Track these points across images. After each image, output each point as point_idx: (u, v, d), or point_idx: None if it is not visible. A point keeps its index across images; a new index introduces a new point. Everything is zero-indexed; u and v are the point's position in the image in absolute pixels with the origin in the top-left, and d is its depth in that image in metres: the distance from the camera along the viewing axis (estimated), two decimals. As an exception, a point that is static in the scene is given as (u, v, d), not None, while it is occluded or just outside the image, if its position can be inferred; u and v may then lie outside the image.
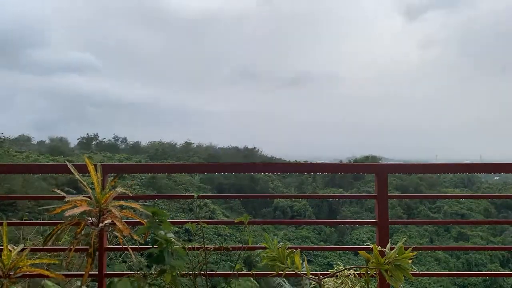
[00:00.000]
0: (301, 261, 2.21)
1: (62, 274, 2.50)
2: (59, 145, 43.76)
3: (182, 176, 36.35)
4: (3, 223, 2.41)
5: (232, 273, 2.59)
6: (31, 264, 2.40)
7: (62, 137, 47.50)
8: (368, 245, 2.32)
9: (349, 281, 2.63)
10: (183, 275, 2.51)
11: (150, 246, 2.43)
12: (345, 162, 37.07)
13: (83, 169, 2.52)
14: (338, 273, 2.57)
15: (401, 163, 3.33)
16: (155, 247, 2.39)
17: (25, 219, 14.45)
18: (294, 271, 2.18)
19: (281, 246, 2.24)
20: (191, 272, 2.54)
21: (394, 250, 2.09)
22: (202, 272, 2.55)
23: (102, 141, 50.73)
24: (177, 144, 50.82)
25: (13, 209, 22.08)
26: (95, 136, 50.45)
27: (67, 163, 2.51)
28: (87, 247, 2.33)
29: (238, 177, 38.89)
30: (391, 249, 2.12)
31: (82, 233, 2.33)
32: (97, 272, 2.72)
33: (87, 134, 50.13)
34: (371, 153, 50.16)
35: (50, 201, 2.88)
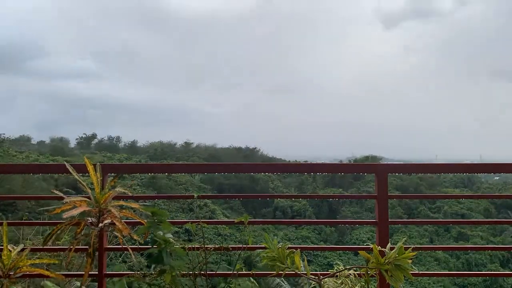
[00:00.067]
0: (301, 261, 2.20)
1: (62, 274, 2.50)
2: (59, 145, 43.76)
3: (182, 176, 36.35)
4: (3, 223, 2.41)
5: (232, 273, 2.59)
6: (31, 264, 2.40)
7: (62, 137, 47.56)
8: (368, 245, 2.32)
9: (349, 281, 2.63)
10: (183, 275, 2.51)
11: (150, 246, 2.43)
12: (345, 162, 37.07)
13: (82, 169, 2.52)
14: (338, 273, 2.57)
15: (401, 163, 3.32)
16: (154, 247, 2.39)
17: (25, 219, 14.43)
18: (294, 271, 2.18)
19: (281, 246, 2.24)
20: (191, 272, 2.54)
21: (394, 250, 2.09)
22: (202, 272, 2.55)
23: (101, 141, 50.74)
24: (177, 144, 50.88)
25: (13, 209, 22.10)
26: (94, 136, 50.47)
27: (65, 163, 2.51)
28: (87, 247, 2.33)
29: (238, 177, 38.90)
30: (391, 249, 2.12)
31: (82, 233, 2.33)
32: (97, 272, 2.72)
33: (85, 134, 50.18)
34: (371, 153, 50.27)
35: (50, 201, 2.88)
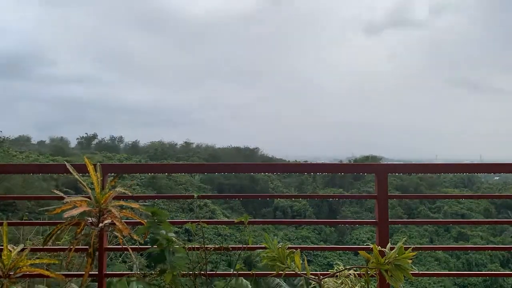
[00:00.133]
0: (301, 261, 2.20)
1: (62, 274, 2.50)
2: (59, 145, 43.78)
3: (182, 176, 36.38)
4: (3, 223, 2.41)
5: (232, 273, 2.59)
6: (31, 264, 2.39)
7: (62, 137, 47.59)
8: (368, 245, 2.32)
9: (349, 281, 2.63)
10: (183, 275, 2.51)
11: (150, 246, 2.43)
12: (345, 162, 37.11)
13: (82, 169, 2.52)
14: (338, 273, 2.57)
15: (401, 163, 3.33)
16: (155, 247, 2.39)
17: (25, 219, 14.43)
18: (294, 271, 2.18)
19: (281, 246, 2.24)
20: (191, 272, 2.54)
21: (394, 250, 2.09)
22: (202, 272, 2.55)
23: (102, 142, 50.80)
24: (177, 144, 50.90)
25: (13, 209, 22.12)
26: (95, 136, 50.51)
27: (65, 163, 2.51)
28: (87, 247, 2.33)
29: (238, 177, 38.92)
30: (391, 249, 2.12)
31: (82, 233, 2.33)
32: (97, 272, 2.72)
33: (86, 133, 50.23)
34: (371, 153, 50.28)
35: (50, 201, 2.88)
